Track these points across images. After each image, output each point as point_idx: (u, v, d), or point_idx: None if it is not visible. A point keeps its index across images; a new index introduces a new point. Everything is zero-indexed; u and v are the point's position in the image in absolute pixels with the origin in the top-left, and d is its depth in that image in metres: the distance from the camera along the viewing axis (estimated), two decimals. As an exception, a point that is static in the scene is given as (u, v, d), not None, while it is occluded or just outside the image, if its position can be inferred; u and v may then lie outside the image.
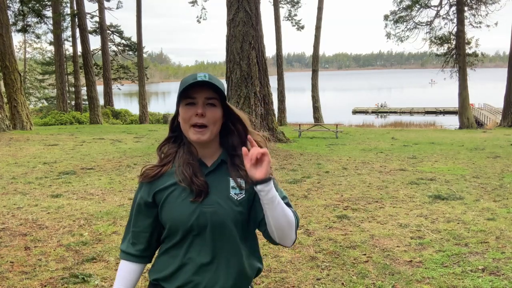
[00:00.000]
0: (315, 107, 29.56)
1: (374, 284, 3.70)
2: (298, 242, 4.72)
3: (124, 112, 32.17)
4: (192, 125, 1.45)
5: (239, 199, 1.49)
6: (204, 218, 1.45)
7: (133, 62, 37.28)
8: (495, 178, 8.06)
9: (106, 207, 6.19)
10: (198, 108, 1.44)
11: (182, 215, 1.45)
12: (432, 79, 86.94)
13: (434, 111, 46.37)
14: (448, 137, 16.89)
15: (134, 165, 9.67)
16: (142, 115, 30.00)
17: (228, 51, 12.89)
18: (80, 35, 26.20)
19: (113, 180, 8.10)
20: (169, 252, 1.51)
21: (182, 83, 1.47)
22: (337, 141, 15.19)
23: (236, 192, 1.50)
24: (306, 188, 7.46)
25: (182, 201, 1.46)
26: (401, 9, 27.77)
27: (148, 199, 1.52)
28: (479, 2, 25.67)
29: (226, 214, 1.47)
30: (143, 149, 12.37)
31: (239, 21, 12.49)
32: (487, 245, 4.53)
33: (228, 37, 12.84)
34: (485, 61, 29.60)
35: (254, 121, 12.48)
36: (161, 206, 1.50)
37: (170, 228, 1.49)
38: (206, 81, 1.43)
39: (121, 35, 35.53)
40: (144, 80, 31.06)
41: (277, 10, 28.98)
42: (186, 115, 1.45)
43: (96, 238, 4.89)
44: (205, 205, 1.46)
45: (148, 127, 22.75)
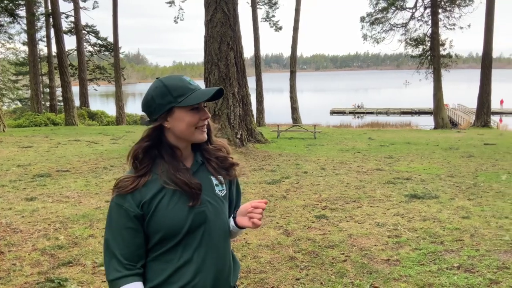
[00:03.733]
0: (293, 107, 29.71)
1: (352, 283, 3.74)
2: (278, 243, 4.74)
3: (101, 113, 31.69)
4: (197, 127, 1.51)
5: (223, 195, 1.59)
6: (199, 219, 1.48)
7: (109, 62, 36.77)
8: (469, 177, 8.25)
9: (83, 210, 6.09)
10: (205, 113, 1.51)
11: (178, 220, 1.45)
12: (406, 80, 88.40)
13: (410, 112, 47.21)
14: (424, 137, 17.20)
15: (111, 167, 9.53)
16: (119, 116, 29.62)
17: (206, 52, 12.84)
18: (54, 35, 25.67)
19: (90, 183, 7.97)
20: (161, 258, 1.48)
21: (177, 89, 1.46)
22: (315, 142, 15.30)
23: (219, 189, 1.58)
24: (285, 188, 7.49)
25: (175, 206, 1.46)
26: (377, 11, 28.17)
27: (139, 211, 1.45)
28: (452, 5, 26.23)
29: (217, 211, 1.54)
30: (120, 151, 12.21)
31: (217, 22, 12.45)
32: (462, 243, 4.62)
33: (206, 37, 12.79)
34: (459, 62, 30.23)
35: (232, 122, 12.47)
36: (151, 216, 1.45)
37: (164, 235, 1.45)
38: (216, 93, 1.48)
39: (97, 35, 35.00)
40: (121, 81, 30.67)
41: (255, 11, 29.03)
42: (194, 120, 1.49)
43: (72, 242, 4.80)
44: (198, 206, 1.48)
45: (125, 128, 22.48)
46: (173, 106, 1.46)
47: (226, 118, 12.39)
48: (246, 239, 4.86)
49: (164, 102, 1.46)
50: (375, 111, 48.73)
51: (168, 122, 1.48)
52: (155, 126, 1.49)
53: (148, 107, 1.49)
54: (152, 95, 1.48)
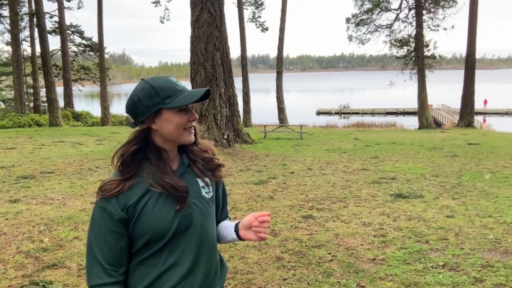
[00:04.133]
0: (280, 108, 29.77)
1: (339, 283, 3.76)
2: (265, 243, 4.75)
3: (85, 114, 31.35)
4: (185, 128, 1.50)
5: (209, 197, 1.58)
6: (185, 222, 1.47)
7: (94, 62, 36.41)
8: (453, 177, 8.36)
9: (67, 212, 6.02)
10: (193, 114, 1.50)
11: (164, 224, 1.43)
12: (391, 80, 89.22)
13: (395, 112, 47.67)
14: (408, 137, 17.38)
15: (96, 168, 9.44)
16: (104, 117, 29.34)
17: (192, 52, 12.79)
18: (38, 35, 25.31)
19: (74, 184, 7.88)
20: (146, 262, 1.46)
21: (164, 90, 1.44)
22: (302, 142, 15.35)
23: (206, 191, 1.57)
24: (272, 189, 7.50)
25: (160, 209, 1.44)
26: (362, 12, 28.39)
27: (123, 215, 1.42)
28: (436, 6, 26.56)
29: (204, 214, 1.53)
30: (105, 152, 12.10)
31: (203, 22, 12.42)
32: (447, 242, 4.68)
33: (192, 38, 12.74)
34: (443, 63, 30.62)
35: (219, 122, 12.44)
36: (136, 220, 1.43)
37: (149, 239, 1.43)
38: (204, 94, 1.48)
39: (82, 35, 34.63)
40: (106, 81, 30.38)
41: (241, 11, 29.02)
42: (183, 121, 1.48)
43: (57, 244, 4.75)
44: (184, 208, 1.47)
45: (110, 129, 22.28)
46: (161, 107, 1.44)
47: (213, 119, 12.36)
48: (233, 240, 4.85)
49: (152, 103, 1.44)
50: (361, 112, 49.10)
51: (156, 124, 1.46)
52: (143, 129, 1.47)
53: (134, 108, 1.47)
54: (139, 96, 1.45)
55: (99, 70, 31.16)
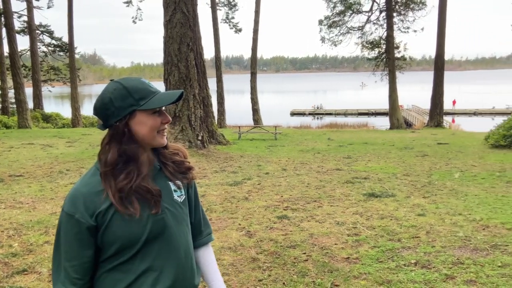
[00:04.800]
0: (254, 109, 29.82)
1: (314, 282, 3.79)
2: (240, 244, 4.74)
3: (55, 116, 30.66)
4: (158, 131, 1.47)
5: (181, 201, 1.54)
6: (158, 227, 1.43)
7: (64, 63, 35.62)
8: (424, 176, 8.54)
9: (37, 216, 5.88)
10: (166, 117, 1.48)
11: (136, 230, 1.39)
12: (362, 81, 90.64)
13: (367, 113, 48.42)
14: (380, 137, 17.68)
15: (67, 171, 9.25)
16: (75, 119, 28.76)
17: (165, 53, 12.68)
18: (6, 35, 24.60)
19: (44, 187, 7.70)
20: (118, 268, 1.42)
21: (138, 91, 1.41)
22: (276, 143, 15.41)
23: (178, 194, 1.53)
24: (247, 189, 7.50)
25: (131, 215, 1.40)
26: (335, 14, 28.74)
27: (92, 222, 1.37)
28: (407, 8, 27.11)
29: (177, 218, 1.50)
30: (76, 154, 11.86)
31: (176, 22, 12.33)
32: (418, 240, 4.78)
33: (165, 38, 12.63)
34: (413, 64, 31.28)
35: (193, 124, 12.37)
36: (106, 227, 1.38)
37: (120, 247, 1.39)
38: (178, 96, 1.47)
39: (51, 35, 33.84)
40: (77, 82, 29.79)
41: (214, 12, 28.95)
42: (157, 123, 1.45)
43: (27, 249, 4.62)
44: (158, 213, 1.43)
45: (81, 131, 21.84)
46: (135, 109, 1.40)
47: (187, 120, 12.28)
48: (208, 242, 4.82)
49: (125, 105, 1.40)
50: (334, 112, 49.69)
51: (128, 126, 1.42)
52: (121, 131, 1.43)
53: (105, 110, 1.41)
54: (111, 97, 1.40)
55: (69, 70, 30.54)
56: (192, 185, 1.65)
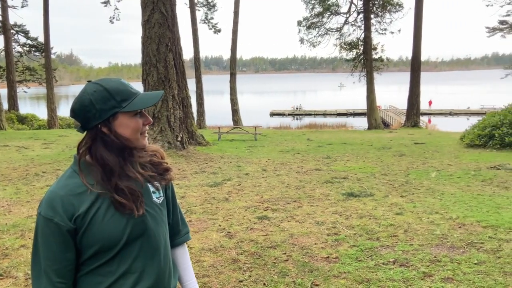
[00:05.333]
0: (234, 110, 29.80)
1: (294, 282, 3.80)
2: (220, 245, 4.73)
3: (31, 117, 30.04)
4: (141, 133, 1.46)
5: (160, 202, 1.53)
6: (137, 230, 1.42)
7: (40, 63, 34.94)
8: (401, 175, 8.66)
9: (13, 219, 5.74)
10: (147, 118, 1.48)
11: (115, 233, 1.37)
12: (341, 82, 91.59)
13: (345, 113, 48.94)
14: (358, 137, 17.86)
15: (43, 173, 9.07)
16: (51, 120, 28.24)
17: (143, 53, 12.56)
18: (-22, 33, 24.04)
19: (20, 190, 7.53)
20: (96, 271, 1.40)
21: (120, 93, 1.39)
22: (256, 143, 15.42)
23: (157, 196, 1.52)
24: (227, 190, 7.48)
25: (111, 217, 1.38)
26: (313, 15, 28.93)
27: (71, 225, 1.35)
28: (384, 10, 27.49)
29: (156, 220, 1.49)
30: (52, 156, 11.64)
31: (154, 23, 12.22)
32: (396, 239, 4.85)
33: (143, 38, 12.51)
34: (390, 65, 31.74)
35: (173, 124, 12.28)
36: (86, 230, 1.36)
37: (99, 249, 1.37)
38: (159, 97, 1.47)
39: (27, 35, 33.12)
40: (53, 83, 29.26)
41: (193, 12, 28.82)
42: (139, 125, 1.44)
43: (2, 253, 4.51)
44: (136, 216, 1.41)
45: (57, 132, 21.45)
46: (117, 111, 1.38)
47: (166, 121, 12.19)
48: (188, 243, 4.80)
49: (107, 107, 1.37)
50: (313, 113, 50.04)
51: (110, 129, 1.40)
52: (95, 133, 1.41)
53: (85, 112, 1.38)
54: (91, 99, 1.37)
55: (45, 71, 29.95)
56: (170, 186, 1.64)
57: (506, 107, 13.89)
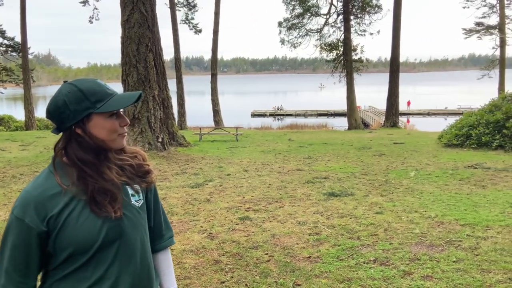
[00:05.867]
0: (215, 110, 29.72)
1: (276, 283, 3.81)
2: (202, 247, 4.71)
3: (8, 118, 29.45)
4: (118, 134, 1.43)
5: (139, 205, 1.50)
6: (113, 233, 1.38)
7: (17, 64, 34.25)
8: (381, 175, 8.77)
9: (-11, 223, 5.62)
10: (124, 119, 1.45)
11: (89, 236, 1.34)
12: (321, 83, 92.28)
13: (326, 113, 49.32)
14: (339, 137, 18.01)
15: (21, 176, 8.89)
16: (29, 121, 27.72)
17: (123, 53, 12.42)
18: (-48, 32, 23.46)
19: (-4, 193, 7.37)
20: (70, 276, 1.36)
21: (94, 94, 1.37)
22: (238, 144, 15.41)
23: (136, 199, 1.49)
24: (209, 191, 7.46)
25: (86, 219, 1.35)
26: (294, 16, 29.08)
27: (43, 227, 1.32)
28: (363, 12, 27.79)
29: (134, 224, 1.45)
30: (30, 158, 11.43)
31: (134, 22, 12.11)
32: (377, 237, 4.90)
33: (123, 38, 12.38)
34: (370, 66, 32.08)
35: (153, 125, 12.18)
36: (58, 232, 1.33)
37: (73, 253, 1.34)
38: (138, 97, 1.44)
39: (3, 35, 32.41)
40: (30, 83, 28.75)
41: (173, 13, 28.65)
42: (115, 126, 1.42)
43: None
44: (112, 219, 1.38)
45: (35, 133, 21.06)
46: (91, 112, 1.36)
47: (147, 122, 12.08)
48: (169, 245, 4.76)
49: (81, 108, 1.36)
50: (294, 113, 50.31)
51: (85, 130, 1.38)
52: (77, 135, 1.38)
53: (59, 114, 1.36)
54: (65, 100, 1.35)
55: (22, 71, 29.41)
56: (152, 189, 1.60)
57: (482, 107, 14.18)
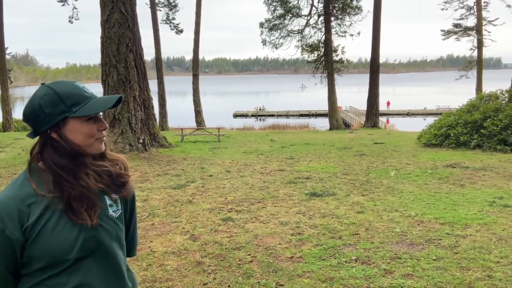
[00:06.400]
0: (197, 111, 29.59)
1: (259, 283, 3.81)
2: (184, 248, 4.68)
3: (-16, 119, 28.79)
4: (96, 138, 1.38)
5: (117, 216, 1.44)
6: (89, 245, 1.34)
7: (-7, 63, 33.54)
8: (362, 174, 8.85)
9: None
10: (102, 123, 1.39)
11: (64, 247, 1.30)
12: (303, 83, 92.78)
13: (307, 114, 49.62)
14: (320, 138, 18.12)
15: (-2, 178, 8.70)
16: (6, 122, 27.15)
17: (103, 54, 12.27)
18: None
19: (-28, 196, 7.18)
20: (45, 283, 1.32)
21: (71, 97, 1.33)
22: (220, 145, 15.37)
23: (114, 209, 1.43)
24: (191, 192, 7.42)
25: (62, 230, 1.30)
26: (275, 17, 29.14)
27: (21, 237, 1.28)
28: (343, 13, 28.01)
29: (111, 235, 1.40)
30: (8, 160, 11.19)
31: (114, 22, 11.97)
32: (358, 237, 4.94)
33: (102, 38, 12.23)
34: (350, 67, 32.36)
35: (134, 126, 12.06)
36: (33, 242, 1.29)
37: (47, 263, 1.30)
38: (117, 100, 1.39)
39: (-22, 34, 31.74)
40: (8, 84, 28.14)
41: (154, 13, 28.42)
42: (92, 131, 1.36)
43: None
44: (88, 229, 1.33)
45: (13, 135, 20.64)
46: (67, 116, 1.32)
47: (127, 123, 11.95)
48: (151, 247, 4.73)
49: (56, 111, 1.31)
50: (276, 114, 50.48)
51: (61, 134, 1.33)
52: (53, 139, 1.34)
53: (35, 117, 1.32)
54: (40, 103, 1.31)
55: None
56: (131, 199, 1.54)
57: (460, 107, 14.44)
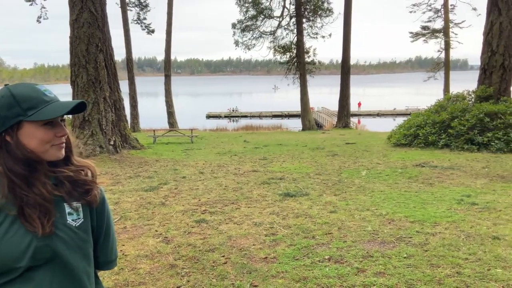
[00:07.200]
0: (169, 112, 29.31)
1: (233, 285, 3.80)
2: (157, 251, 4.63)
3: None
4: (53, 144, 1.32)
5: (77, 225, 1.36)
6: (42, 254, 1.27)
7: (-45, 63, 32.43)
8: (334, 174, 8.95)
9: None
10: (61, 129, 1.33)
11: (15, 253, 1.24)
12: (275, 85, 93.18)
13: (280, 115, 49.89)
14: (293, 138, 18.24)
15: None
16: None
17: (72, 54, 12.01)
18: None
19: None
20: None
21: (27, 100, 1.27)
22: (193, 146, 15.28)
23: (73, 218, 1.35)
24: (163, 195, 7.34)
25: (13, 236, 1.25)
26: (247, 18, 29.23)
27: None
28: (315, 15, 28.34)
29: (68, 245, 1.32)
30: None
31: (83, 22, 11.75)
32: (331, 236, 5.00)
33: (71, 38, 11.97)
34: (322, 68, 32.77)
35: (105, 128, 11.86)
36: None
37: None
38: (80, 103, 1.33)
39: None
40: (-29, 84, 27.24)
41: (125, 12, 27.99)
42: (48, 136, 1.30)
43: None
44: (41, 238, 1.26)
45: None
46: (21, 119, 1.27)
47: (98, 124, 11.74)
48: (123, 251, 4.65)
49: (11, 114, 1.26)
50: (249, 115, 50.53)
51: (15, 138, 1.28)
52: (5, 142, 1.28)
53: None
54: None
55: (-39, 71, 27.83)
56: (100, 208, 1.46)
57: (429, 108, 14.79)
